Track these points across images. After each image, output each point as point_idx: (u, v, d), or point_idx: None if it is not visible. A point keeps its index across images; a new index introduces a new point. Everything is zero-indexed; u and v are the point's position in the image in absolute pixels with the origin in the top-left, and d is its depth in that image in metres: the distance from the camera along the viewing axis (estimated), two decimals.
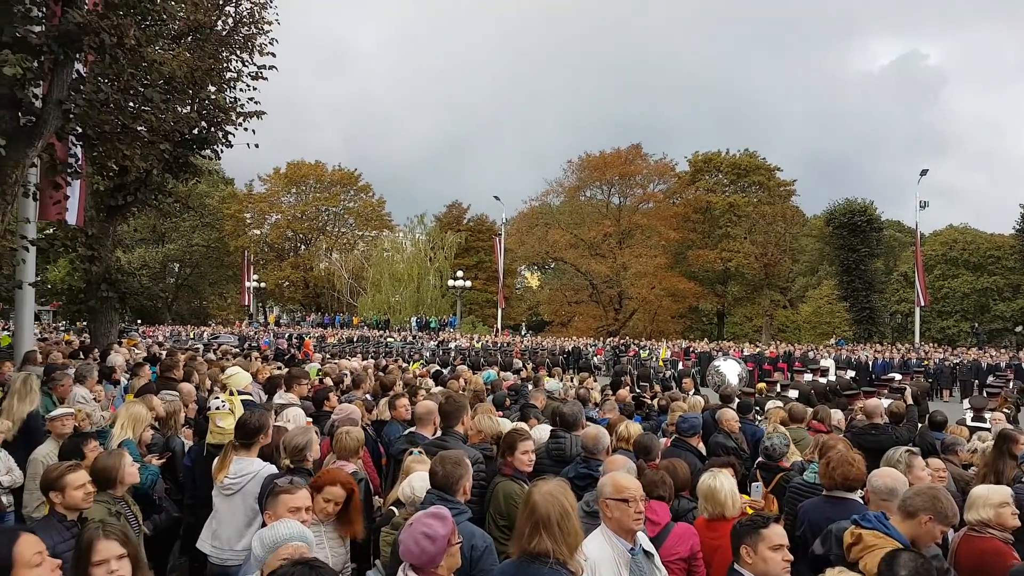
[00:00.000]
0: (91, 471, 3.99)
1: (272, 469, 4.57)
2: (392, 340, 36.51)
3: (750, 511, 4.16)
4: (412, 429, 5.89)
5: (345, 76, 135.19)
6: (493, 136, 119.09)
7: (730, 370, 11.72)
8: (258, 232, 59.00)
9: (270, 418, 4.96)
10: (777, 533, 2.95)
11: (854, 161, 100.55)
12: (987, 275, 44.65)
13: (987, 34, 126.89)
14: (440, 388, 8.99)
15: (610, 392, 10.52)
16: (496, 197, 46.20)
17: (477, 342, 35.60)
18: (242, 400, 6.38)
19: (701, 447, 6.14)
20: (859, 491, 4.10)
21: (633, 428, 5.74)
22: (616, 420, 6.74)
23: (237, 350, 20.11)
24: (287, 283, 58.39)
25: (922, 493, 3.39)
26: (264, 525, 3.28)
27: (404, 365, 16.20)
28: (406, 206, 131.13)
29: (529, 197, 55.99)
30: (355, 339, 37.19)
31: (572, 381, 12.81)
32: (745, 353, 29.67)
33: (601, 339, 39.95)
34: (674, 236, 49.06)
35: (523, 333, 46.67)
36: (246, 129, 13.89)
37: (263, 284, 53.67)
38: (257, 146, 13.54)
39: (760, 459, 5.72)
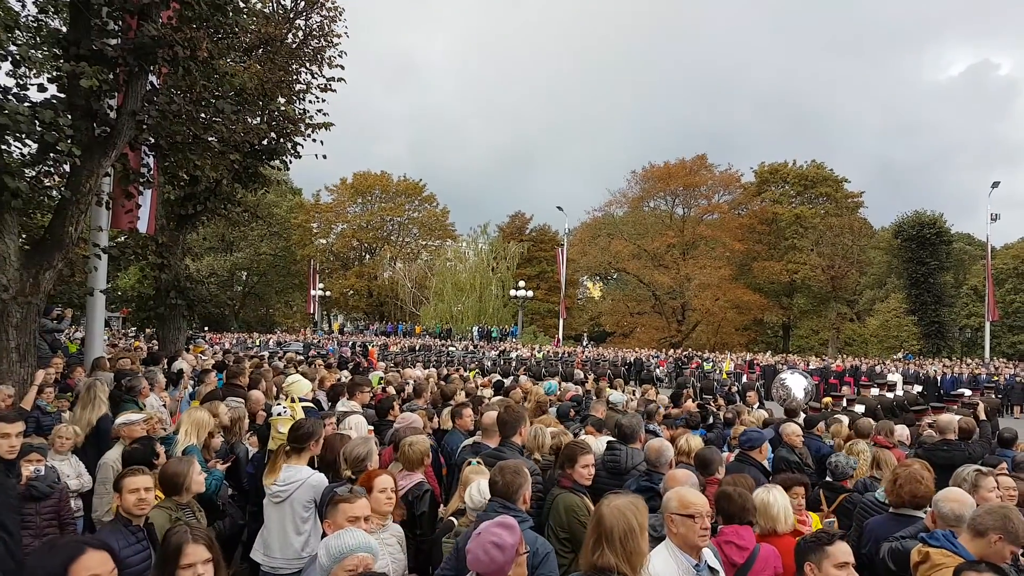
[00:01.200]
0: (160, 477, 4.03)
1: (320, 477, 4.54)
2: (454, 349, 36.73)
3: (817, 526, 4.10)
4: (476, 439, 5.92)
5: (412, 87, 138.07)
6: (557, 146, 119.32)
7: (796, 384, 11.42)
8: (324, 241, 60.44)
9: (323, 426, 4.98)
10: (842, 551, 2.93)
11: (924, 172, 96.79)
12: None
13: None
14: (499, 398, 9.08)
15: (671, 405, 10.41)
16: (559, 207, 46.33)
17: (538, 352, 35.60)
18: (303, 407, 6.50)
19: (765, 462, 6.07)
20: (927, 507, 4.01)
21: (694, 441, 5.68)
22: (678, 433, 6.70)
23: (302, 358, 20.69)
24: (351, 292, 59.45)
25: (993, 512, 3.32)
26: (324, 535, 3.29)
27: (464, 375, 16.33)
28: (469, 216, 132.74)
29: (592, 207, 56.02)
30: (417, 348, 37.59)
31: (634, 393, 12.72)
32: (811, 366, 28.81)
33: (663, 350, 39.43)
34: (739, 247, 48.24)
35: (584, 344, 46.41)
36: (314, 140, 14.04)
37: (328, 292, 54.91)
38: (325, 157, 13.67)
39: (826, 478, 5.62)
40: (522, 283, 44.11)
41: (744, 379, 25.79)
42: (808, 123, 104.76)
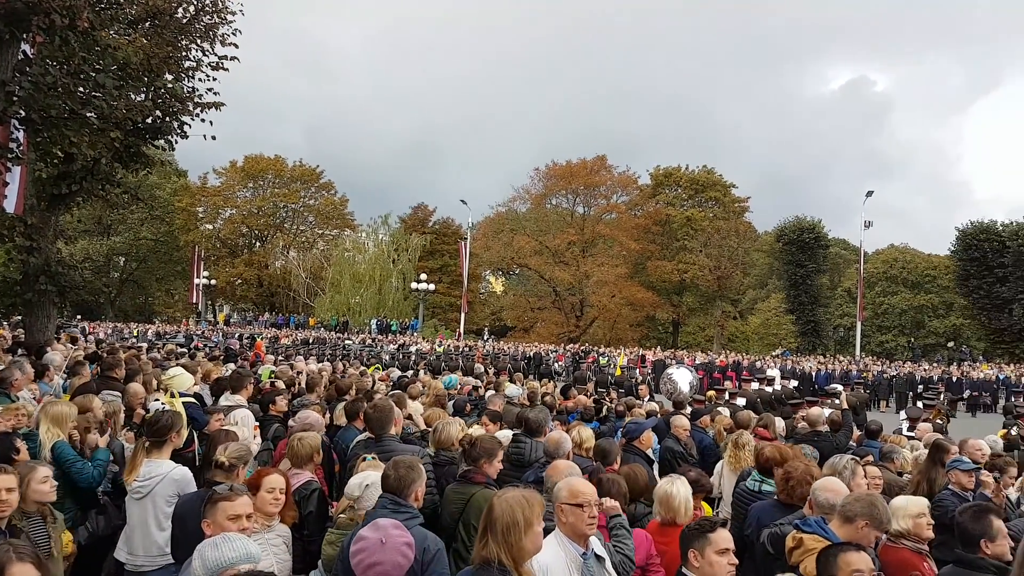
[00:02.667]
0: None
1: (183, 471, 4.37)
2: (350, 343, 35.98)
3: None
4: (368, 434, 5.71)
5: (311, 71, 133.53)
6: (461, 140, 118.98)
7: (682, 378, 12.00)
8: (211, 227, 57.55)
9: (182, 418, 4.79)
10: (723, 537, 3.04)
11: (805, 180, 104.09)
12: (924, 293, 46.88)
13: (932, 65, 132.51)
14: (396, 392, 8.91)
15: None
16: (463, 201, 46.38)
17: (439, 346, 35.44)
18: (184, 403, 6.23)
19: (649, 451, 6.27)
20: None
21: (585, 433, 5.83)
22: (571, 426, 6.81)
23: (183, 350, 19.59)
24: (239, 281, 56.98)
25: (860, 499, 3.56)
26: (203, 536, 3.06)
27: (363, 369, 16.00)
28: (370, 206, 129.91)
29: (496, 202, 56.36)
30: (311, 341, 36.55)
31: (554, 387, 12.83)
32: (697, 361, 30.30)
33: (562, 345, 40.24)
34: (635, 247, 49.84)
35: (485, 338, 46.67)
36: (203, 120, 13.35)
37: (214, 281, 52.18)
38: (214, 138, 13.08)
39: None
40: (424, 276, 43.69)
41: (636, 373, 26.78)
42: (700, 130, 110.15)
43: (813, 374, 27.80)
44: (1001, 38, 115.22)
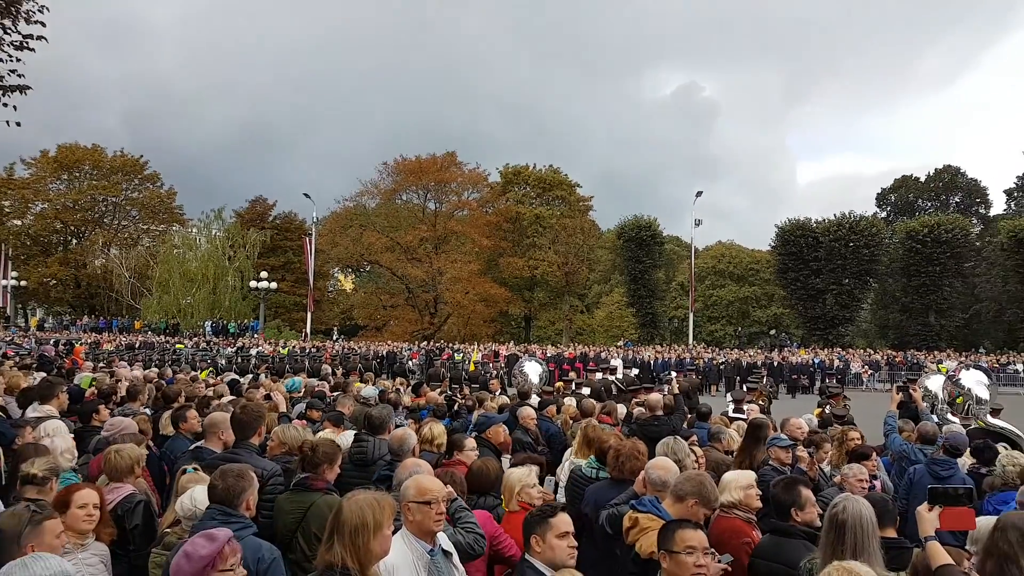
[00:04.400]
0: None
1: None
2: (182, 347, 33.62)
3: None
4: (199, 443, 5.49)
5: (130, 53, 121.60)
6: (303, 131, 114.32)
7: (532, 370, 12.25)
8: (19, 223, 51.66)
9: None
10: (564, 521, 3.12)
11: (642, 181, 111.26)
12: (748, 286, 52.08)
13: (754, 73, 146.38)
14: (231, 398, 8.37)
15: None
16: (306, 195, 44.13)
17: (283, 348, 33.81)
18: None
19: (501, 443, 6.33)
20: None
21: (436, 429, 5.79)
22: (423, 422, 6.73)
23: None
24: (54, 282, 51.52)
25: (691, 479, 3.79)
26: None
27: (194, 374, 14.91)
28: (202, 200, 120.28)
29: (342, 197, 54.55)
30: (137, 345, 33.64)
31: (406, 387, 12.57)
32: (548, 354, 31.29)
33: (416, 343, 39.90)
34: (487, 243, 50.47)
35: (335, 338, 45.19)
36: (6, 105, 12.38)
37: (24, 283, 46.57)
38: (19, 124, 12.14)
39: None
40: (264, 274, 41.23)
41: (490, 368, 27.13)
42: (546, 130, 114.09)
43: (651, 362, 29.68)
44: (815, 51, 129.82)
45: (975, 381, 8.73)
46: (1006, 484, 5.19)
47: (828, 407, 9.60)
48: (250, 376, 14.39)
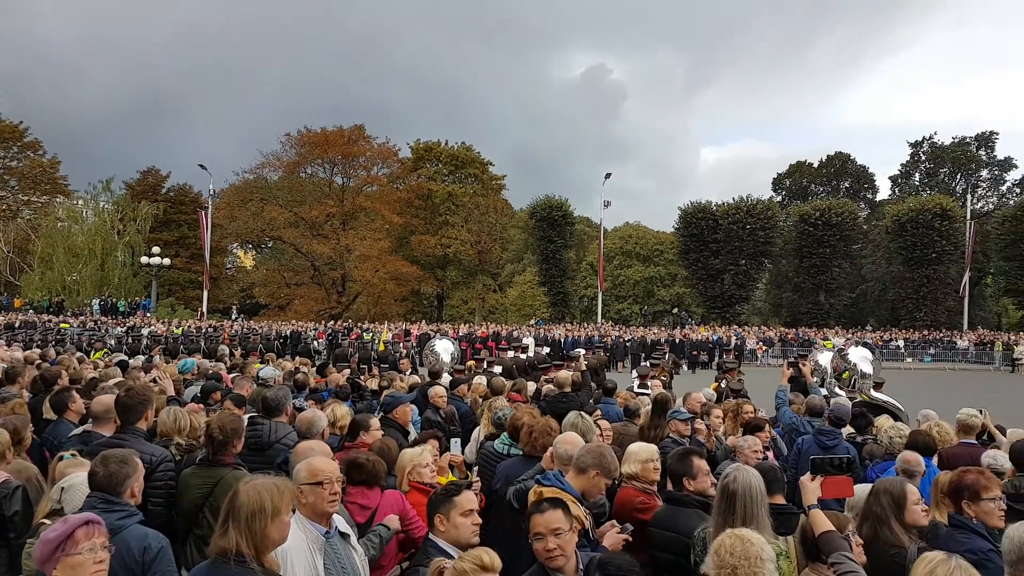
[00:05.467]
0: None
1: None
2: (67, 326, 31.53)
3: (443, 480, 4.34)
4: (87, 427, 5.21)
5: (4, 12, 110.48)
6: (198, 100, 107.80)
7: (443, 349, 12.19)
8: None
9: None
10: (468, 499, 3.14)
11: (553, 161, 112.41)
12: (653, 266, 53.86)
13: (660, 57, 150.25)
14: (119, 379, 7.87)
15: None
16: (202, 166, 41.85)
17: (177, 327, 32.16)
18: None
19: (409, 424, 6.26)
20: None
21: (340, 411, 5.69)
22: (326, 403, 6.56)
23: None
24: None
25: (591, 451, 3.85)
26: None
27: (82, 355, 13.92)
28: (88, 170, 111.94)
29: (242, 169, 52.16)
30: (17, 325, 31.17)
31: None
32: (460, 333, 31.28)
33: (323, 322, 38.93)
34: (397, 220, 49.65)
35: (234, 317, 43.42)
36: None
37: None
38: None
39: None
40: (157, 249, 38.94)
41: (401, 348, 26.84)
42: (458, 107, 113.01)
43: (562, 340, 30.23)
44: (716, 37, 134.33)
45: (861, 357, 9.33)
46: (889, 454, 5.60)
47: (724, 382, 10.07)
48: (143, 358, 13.62)
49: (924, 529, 3.60)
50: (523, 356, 13.89)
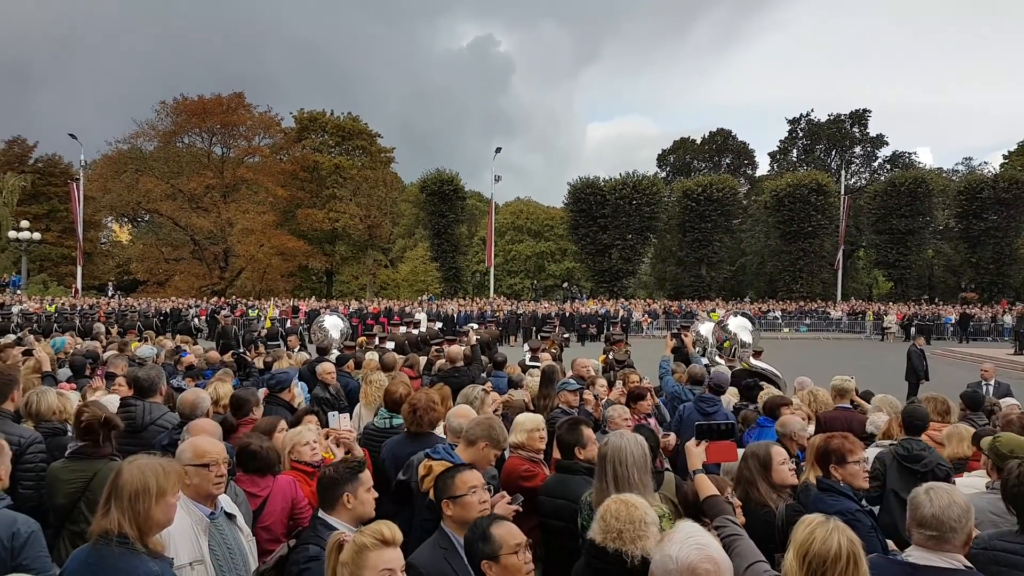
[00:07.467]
0: None
1: None
2: None
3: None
4: None
5: None
6: (64, 65, 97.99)
7: (332, 325, 11.92)
8: None
9: None
10: (368, 476, 3.14)
11: (441, 134, 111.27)
12: (544, 241, 54.68)
13: (546, 30, 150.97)
14: None
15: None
16: (72, 135, 38.75)
17: (51, 305, 29.86)
18: None
19: (295, 401, 6.15)
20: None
21: (222, 389, 5.51)
22: (208, 382, 6.33)
23: None
24: None
25: (481, 423, 3.96)
26: None
27: None
28: None
29: (115, 138, 48.34)
30: None
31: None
32: (351, 309, 30.68)
33: (205, 299, 36.99)
34: (282, 193, 47.91)
35: (110, 294, 40.74)
36: None
37: None
38: None
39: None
40: (25, 223, 35.95)
41: (288, 324, 26.01)
42: (343, 78, 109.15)
43: (455, 315, 30.32)
44: (600, 12, 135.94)
45: (740, 326, 9.86)
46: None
47: (611, 353, 10.49)
48: (12, 337, 12.52)
49: (796, 487, 3.77)
50: (415, 332, 13.85)
